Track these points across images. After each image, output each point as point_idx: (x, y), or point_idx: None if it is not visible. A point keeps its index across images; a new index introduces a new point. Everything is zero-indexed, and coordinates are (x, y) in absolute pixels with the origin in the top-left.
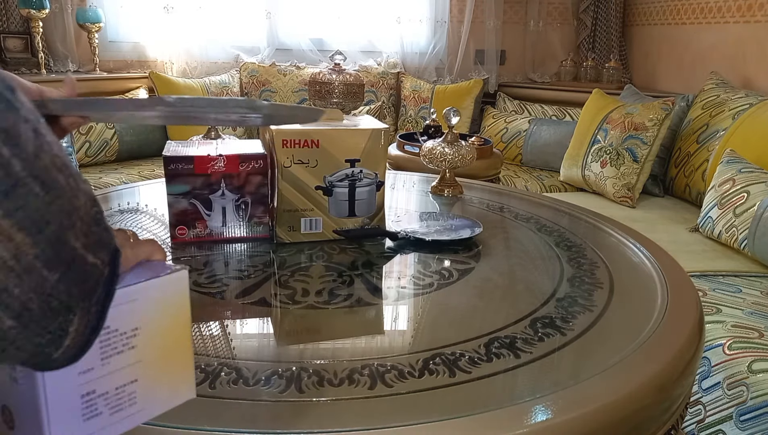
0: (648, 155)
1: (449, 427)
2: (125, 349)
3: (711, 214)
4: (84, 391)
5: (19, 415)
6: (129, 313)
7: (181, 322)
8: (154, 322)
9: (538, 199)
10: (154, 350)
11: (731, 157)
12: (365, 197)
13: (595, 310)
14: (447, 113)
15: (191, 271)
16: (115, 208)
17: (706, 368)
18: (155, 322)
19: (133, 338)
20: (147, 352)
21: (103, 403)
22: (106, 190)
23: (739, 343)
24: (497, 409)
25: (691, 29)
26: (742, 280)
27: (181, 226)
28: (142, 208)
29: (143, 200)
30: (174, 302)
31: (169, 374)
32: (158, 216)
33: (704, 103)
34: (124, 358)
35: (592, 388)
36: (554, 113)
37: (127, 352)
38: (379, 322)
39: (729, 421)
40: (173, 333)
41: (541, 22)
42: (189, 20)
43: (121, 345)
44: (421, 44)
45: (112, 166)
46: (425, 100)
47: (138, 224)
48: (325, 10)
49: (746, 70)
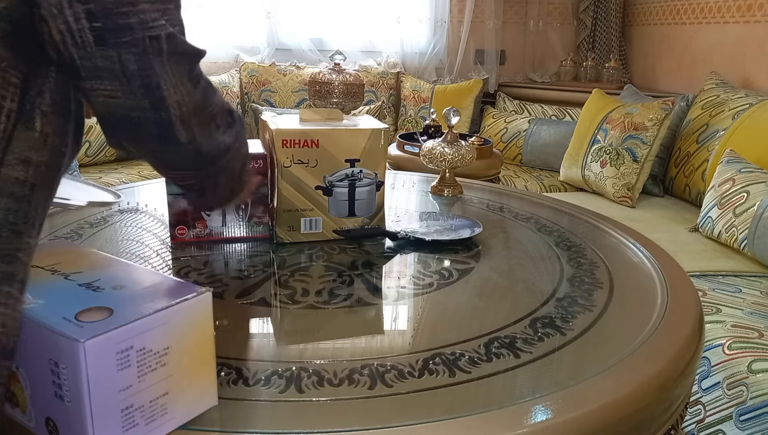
0: (648, 155)
1: (449, 427)
2: (158, 367)
3: (711, 214)
4: (123, 406)
5: (64, 427)
6: (161, 334)
7: (206, 338)
8: (182, 340)
9: (538, 199)
10: (183, 365)
11: (731, 157)
12: (365, 197)
13: (594, 310)
14: (447, 113)
15: (190, 272)
16: (114, 208)
17: (705, 368)
18: (184, 340)
19: (165, 356)
20: (176, 367)
21: (139, 415)
22: None
23: (738, 343)
24: (497, 409)
25: (691, 29)
26: (742, 280)
27: (181, 226)
28: (142, 208)
29: (143, 200)
30: (200, 321)
31: (195, 385)
32: (158, 216)
33: (704, 103)
34: (158, 375)
35: (591, 388)
36: (554, 113)
37: (160, 368)
38: (379, 322)
39: (729, 421)
40: (199, 348)
41: (541, 22)
42: (189, 20)
43: (155, 363)
44: (421, 44)
45: (112, 166)
46: (425, 100)
47: (138, 224)
48: (325, 9)
49: (746, 70)
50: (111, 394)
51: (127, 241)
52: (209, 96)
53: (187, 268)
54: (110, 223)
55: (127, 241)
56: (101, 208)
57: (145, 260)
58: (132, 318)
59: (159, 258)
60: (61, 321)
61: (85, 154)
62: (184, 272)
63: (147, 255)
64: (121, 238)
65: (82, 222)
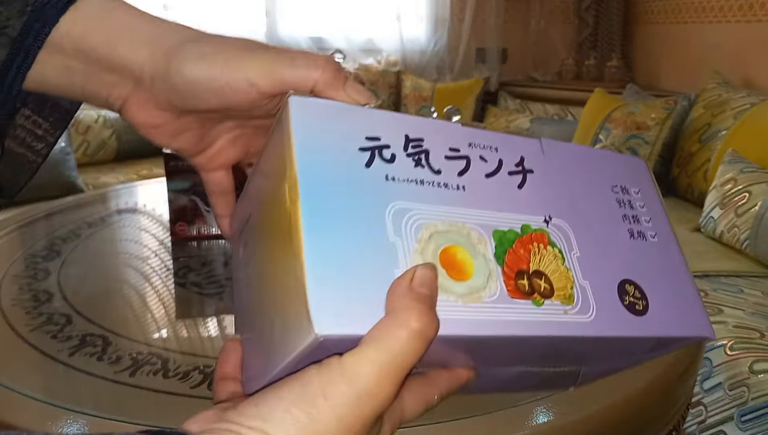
0: (650, 155)
1: (449, 428)
2: None
3: (713, 214)
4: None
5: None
6: None
7: None
8: None
9: None
10: None
11: (733, 156)
12: None
13: None
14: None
15: (189, 272)
16: (113, 208)
17: (707, 369)
18: None
19: None
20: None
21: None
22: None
23: (740, 343)
24: (498, 410)
25: (693, 28)
26: (744, 280)
27: (181, 223)
28: (141, 208)
29: (141, 200)
30: None
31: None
32: (156, 215)
33: (706, 103)
34: None
35: (593, 390)
36: (556, 112)
37: None
38: None
39: (730, 422)
40: None
41: (542, 21)
42: (188, 18)
43: None
44: (421, 42)
45: (110, 166)
46: (426, 98)
47: (137, 224)
48: (325, 7)
49: (748, 70)
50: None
51: (125, 241)
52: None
53: (186, 269)
54: (109, 224)
55: (125, 241)
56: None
57: (143, 260)
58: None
59: (158, 258)
60: None
61: (83, 153)
62: (183, 272)
63: (146, 255)
64: (119, 238)
65: (81, 222)
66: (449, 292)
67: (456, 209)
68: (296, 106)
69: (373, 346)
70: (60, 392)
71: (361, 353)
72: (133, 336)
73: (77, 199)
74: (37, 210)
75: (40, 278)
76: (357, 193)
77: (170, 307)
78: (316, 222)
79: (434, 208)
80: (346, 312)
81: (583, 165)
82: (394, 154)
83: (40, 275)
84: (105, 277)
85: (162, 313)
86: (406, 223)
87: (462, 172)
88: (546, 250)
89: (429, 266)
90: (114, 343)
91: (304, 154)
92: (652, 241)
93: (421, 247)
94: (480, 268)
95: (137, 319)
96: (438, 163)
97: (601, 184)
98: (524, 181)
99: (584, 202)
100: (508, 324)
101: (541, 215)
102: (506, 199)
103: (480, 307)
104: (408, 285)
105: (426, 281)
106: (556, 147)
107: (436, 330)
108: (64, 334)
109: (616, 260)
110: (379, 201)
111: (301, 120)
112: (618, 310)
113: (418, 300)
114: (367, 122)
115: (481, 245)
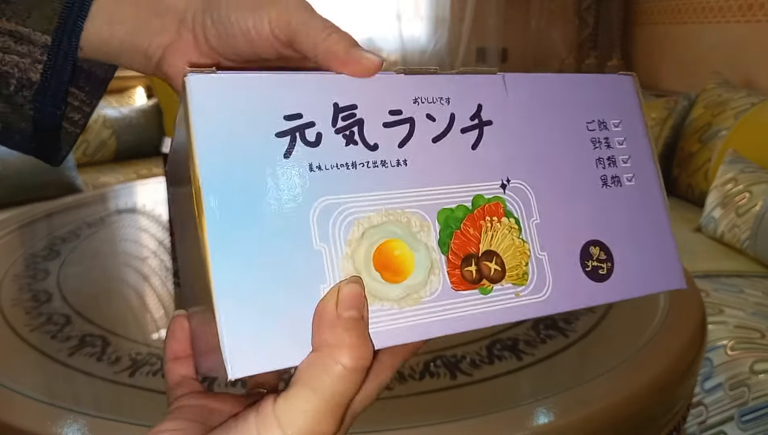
0: None
1: (450, 430)
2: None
3: (713, 214)
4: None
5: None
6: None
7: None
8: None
9: None
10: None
11: (733, 156)
12: None
13: (597, 312)
14: None
15: None
16: (112, 208)
17: (708, 369)
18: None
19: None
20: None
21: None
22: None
23: (741, 343)
24: (499, 411)
25: (693, 28)
26: (745, 280)
27: None
28: (140, 208)
29: (141, 200)
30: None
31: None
32: (156, 216)
33: (706, 103)
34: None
35: (594, 390)
36: None
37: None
38: None
39: (731, 422)
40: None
41: (542, 20)
42: None
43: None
44: (421, 42)
45: (110, 166)
46: None
47: (136, 224)
48: (323, 6)
49: (748, 70)
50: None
51: (125, 241)
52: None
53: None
54: (108, 224)
55: (125, 241)
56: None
57: (143, 261)
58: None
59: (157, 258)
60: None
61: (83, 153)
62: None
63: (145, 255)
64: (119, 238)
65: (81, 222)
66: (384, 298)
67: (395, 193)
68: (197, 87)
69: (305, 389)
70: (59, 392)
71: (294, 398)
72: (132, 336)
73: (77, 199)
74: (37, 210)
75: (40, 278)
76: (274, 197)
77: (170, 308)
78: (226, 248)
79: (368, 196)
80: (266, 347)
81: (554, 101)
82: (320, 134)
83: (40, 275)
84: (104, 278)
85: (161, 314)
86: (335, 222)
87: (403, 142)
88: (500, 222)
89: (354, 281)
90: (113, 343)
91: (208, 155)
92: (629, 184)
93: (352, 251)
94: (420, 262)
95: (136, 319)
96: (375, 134)
97: (574, 122)
98: (480, 138)
99: (552, 149)
100: (448, 323)
101: (497, 180)
102: (457, 167)
103: (418, 308)
104: (334, 311)
105: (353, 302)
106: (522, 83)
107: (371, 355)
108: (63, 334)
109: (582, 219)
110: (301, 202)
111: (202, 106)
112: (578, 280)
113: (347, 329)
114: (286, 95)
115: (423, 233)
